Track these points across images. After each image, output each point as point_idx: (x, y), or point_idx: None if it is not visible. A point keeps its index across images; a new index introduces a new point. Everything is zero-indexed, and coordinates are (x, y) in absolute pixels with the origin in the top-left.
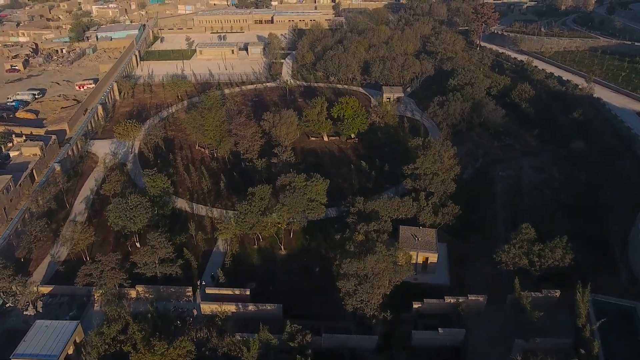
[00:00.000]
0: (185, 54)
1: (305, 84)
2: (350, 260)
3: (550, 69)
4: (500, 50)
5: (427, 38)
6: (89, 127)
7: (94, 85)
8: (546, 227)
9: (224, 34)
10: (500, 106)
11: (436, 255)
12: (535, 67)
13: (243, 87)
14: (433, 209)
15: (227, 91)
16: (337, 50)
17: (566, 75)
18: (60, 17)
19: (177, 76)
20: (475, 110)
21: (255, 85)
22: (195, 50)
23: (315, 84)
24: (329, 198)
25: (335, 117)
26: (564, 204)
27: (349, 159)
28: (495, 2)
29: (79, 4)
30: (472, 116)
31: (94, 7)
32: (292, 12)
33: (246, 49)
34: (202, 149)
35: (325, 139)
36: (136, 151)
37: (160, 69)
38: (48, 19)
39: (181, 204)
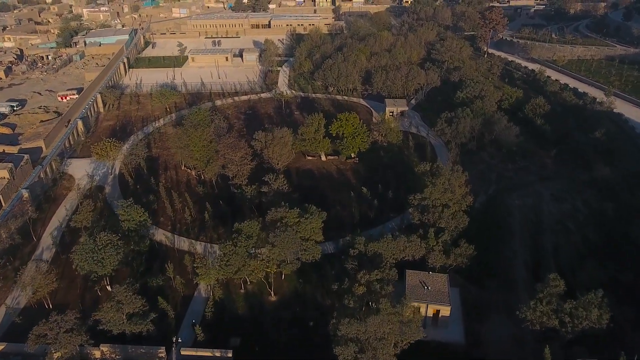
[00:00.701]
0: (176, 61)
1: (302, 94)
2: (349, 321)
3: (564, 79)
4: (510, 57)
5: (432, 45)
6: (67, 144)
7: (77, 96)
8: (574, 273)
9: (218, 39)
10: (513, 122)
11: (449, 308)
12: (549, 77)
13: (236, 98)
14: (444, 248)
15: (218, 103)
16: (336, 58)
17: (582, 87)
18: (50, 20)
19: (167, 86)
20: (486, 127)
21: (249, 96)
22: (187, 57)
23: (313, 95)
24: (327, 229)
25: (334, 135)
26: (592, 243)
27: (349, 181)
28: (501, 4)
29: (70, 6)
30: (482, 132)
31: (84, 10)
32: (290, 17)
33: (241, 56)
34: (189, 170)
35: (323, 158)
36: (117, 172)
37: (150, 78)
38: (37, 23)
39: (161, 235)
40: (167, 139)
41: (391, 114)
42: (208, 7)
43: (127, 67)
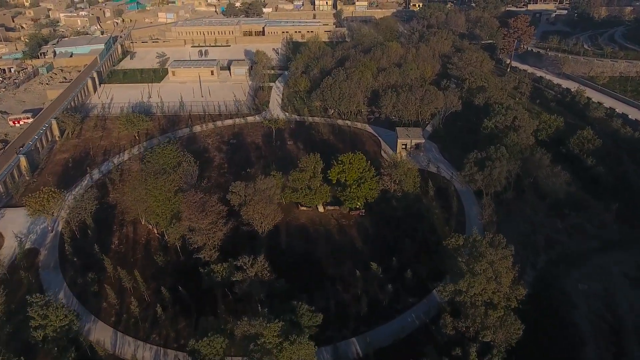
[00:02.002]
0: (155, 75)
1: (297, 117)
2: None
3: (607, 101)
4: (537, 72)
5: (448, 57)
6: (3, 189)
7: (31, 120)
8: None
9: (206, 48)
10: (554, 158)
11: None
12: (589, 99)
13: (219, 122)
14: None
15: (198, 129)
16: (337, 75)
17: (631, 112)
18: (24, 26)
19: (141, 106)
20: (525, 168)
21: (234, 121)
22: (167, 70)
23: (310, 119)
24: (323, 326)
25: (334, 181)
26: None
27: (353, 244)
28: (518, 9)
29: (48, 11)
30: (519, 174)
31: (61, 15)
32: (287, 22)
33: (229, 69)
34: (150, 226)
35: (321, 209)
36: (59, 229)
37: (122, 96)
38: (9, 29)
39: (101, 333)
40: (129, 179)
41: (404, 147)
42: (199, 10)
43: (97, 83)
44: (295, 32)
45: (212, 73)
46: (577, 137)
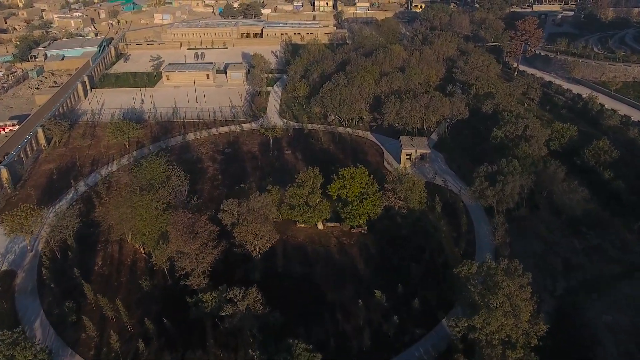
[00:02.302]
0: (148, 79)
1: (296, 125)
2: None
3: (622, 108)
4: (546, 77)
5: (453, 61)
6: None
7: (17, 128)
8: None
9: (202, 50)
10: (568, 170)
11: None
12: (603, 106)
13: (214, 130)
14: None
15: (191, 137)
16: (338, 80)
17: None
18: (16, 27)
19: (132, 112)
20: (538, 182)
21: (230, 128)
22: (161, 74)
23: (309, 126)
24: None
25: (335, 197)
26: None
27: (355, 266)
28: (523, 10)
29: (42, 12)
30: (532, 189)
31: (55, 16)
32: (286, 24)
33: (225, 72)
34: (137, 245)
35: (320, 226)
36: (39, 248)
37: (114, 101)
38: (1, 30)
39: None
40: (114, 194)
41: (408, 157)
42: (197, 11)
43: (88, 87)
44: (295, 34)
45: (207, 77)
46: (593, 147)
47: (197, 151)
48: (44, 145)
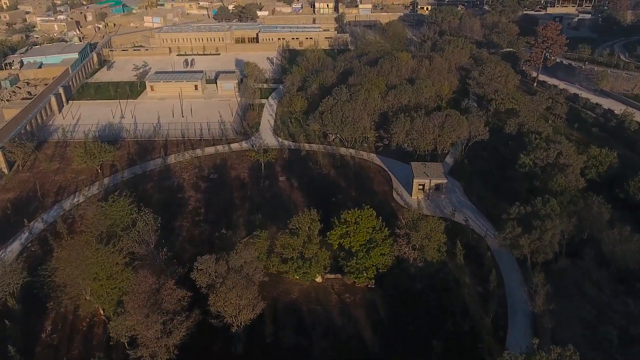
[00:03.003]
0: (131, 90)
1: (292, 144)
2: None
3: None
4: (570, 89)
5: (466, 70)
6: None
7: None
8: None
9: (193, 56)
10: (609, 204)
11: None
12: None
13: (199, 150)
14: None
15: (173, 160)
16: (339, 95)
17: None
18: None
19: (109, 129)
20: (579, 224)
21: (217, 148)
22: (145, 84)
23: (307, 146)
24: None
25: (336, 246)
26: None
27: (361, 335)
28: (536, 13)
29: (26, 14)
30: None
31: (38, 19)
32: (284, 29)
33: (216, 82)
34: (96, 304)
35: (318, 279)
36: None
37: (92, 115)
38: None
39: None
40: (68, 244)
41: (421, 188)
42: (188, 14)
43: (64, 100)
44: (293, 39)
45: (195, 88)
46: (639, 180)
47: (178, 177)
48: (4, 170)
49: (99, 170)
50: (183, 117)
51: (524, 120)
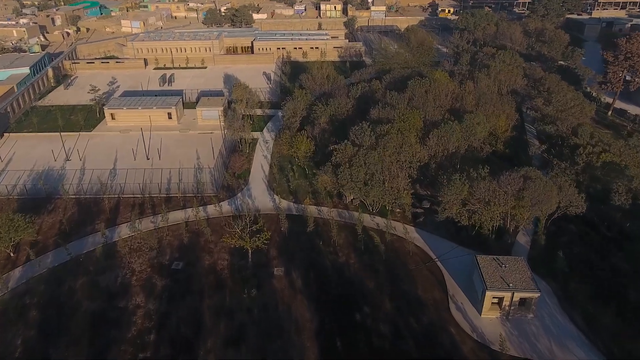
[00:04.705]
0: (88, 118)
1: (294, 206)
2: None
3: None
4: None
5: (521, 96)
6: None
7: None
8: None
9: (173, 70)
10: None
11: None
12: None
13: (161, 217)
14: None
15: (123, 233)
16: (361, 137)
17: None
18: None
19: (45, 178)
20: None
21: (187, 213)
22: (105, 111)
23: (315, 211)
24: None
25: None
26: None
27: None
28: (580, 17)
29: None
30: None
31: None
32: (284, 35)
33: (197, 109)
34: None
35: None
36: None
37: (29, 154)
38: None
39: None
40: None
41: (496, 302)
42: (175, 17)
43: None
44: (295, 48)
45: (169, 116)
46: None
47: (125, 266)
48: None
49: (11, 255)
50: (148, 159)
51: (638, 186)
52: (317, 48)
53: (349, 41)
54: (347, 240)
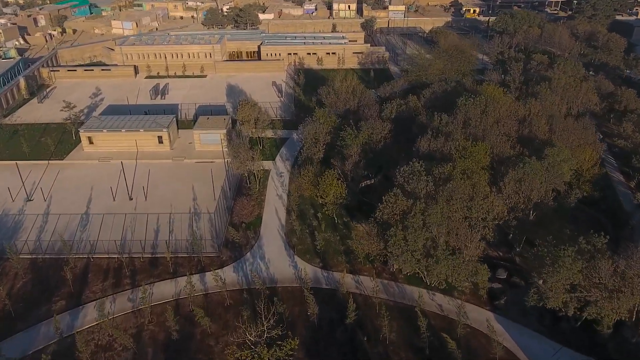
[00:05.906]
0: (62, 142)
1: (323, 275)
2: None
3: None
4: None
5: (596, 115)
6: None
7: None
8: None
9: (169, 79)
10: None
11: None
12: None
13: (142, 292)
14: None
15: (87, 318)
16: (417, 185)
17: None
18: None
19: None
20: None
21: (177, 286)
22: (82, 134)
23: (351, 280)
24: None
25: None
26: None
27: None
28: (628, 19)
29: None
30: None
31: None
32: (296, 39)
33: (194, 132)
34: None
35: None
36: None
37: None
38: None
39: None
40: None
41: None
42: (173, 18)
43: None
44: (308, 54)
45: (160, 140)
46: None
47: None
48: None
49: None
50: (131, 199)
51: None
52: (334, 53)
53: (370, 45)
54: (402, 335)
